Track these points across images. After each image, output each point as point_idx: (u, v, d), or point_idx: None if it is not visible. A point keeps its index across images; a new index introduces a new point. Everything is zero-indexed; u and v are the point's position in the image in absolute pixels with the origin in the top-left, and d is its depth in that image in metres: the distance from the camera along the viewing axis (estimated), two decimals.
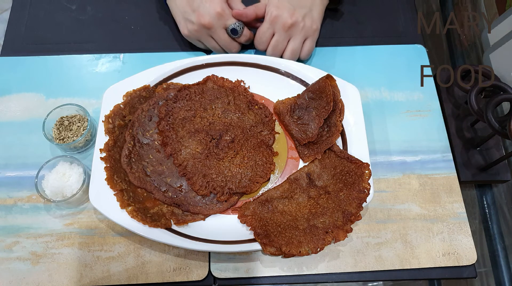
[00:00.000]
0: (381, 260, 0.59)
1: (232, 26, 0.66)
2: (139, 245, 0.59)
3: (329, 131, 0.63)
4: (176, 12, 0.69)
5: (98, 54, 0.73)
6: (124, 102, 0.64)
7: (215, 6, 0.64)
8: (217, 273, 0.58)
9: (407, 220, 0.62)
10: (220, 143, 0.62)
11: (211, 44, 0.69)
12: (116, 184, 0.58)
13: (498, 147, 0.67)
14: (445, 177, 0.65)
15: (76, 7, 0.78)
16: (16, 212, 0.61)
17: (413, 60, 0.74)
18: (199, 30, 0.66)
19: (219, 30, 0.66)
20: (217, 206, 0.59)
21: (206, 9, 0.64)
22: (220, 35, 0.67)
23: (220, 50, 0.70)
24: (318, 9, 0.70)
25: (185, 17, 0.67)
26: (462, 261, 0.59)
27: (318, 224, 0.56)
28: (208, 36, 0.68)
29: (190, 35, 0.68)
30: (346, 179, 0.59)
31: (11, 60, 0.72)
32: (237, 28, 0.66)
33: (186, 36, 0.70)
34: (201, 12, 0.65)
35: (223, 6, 0.65)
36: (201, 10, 0.65)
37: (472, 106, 0.62)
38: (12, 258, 0.58)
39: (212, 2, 0.64)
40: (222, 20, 0.65)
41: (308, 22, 0.67)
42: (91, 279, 0.57)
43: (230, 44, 0.68)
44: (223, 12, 0.64)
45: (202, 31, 0.67)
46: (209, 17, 0.64)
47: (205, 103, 0.65)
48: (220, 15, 0.64)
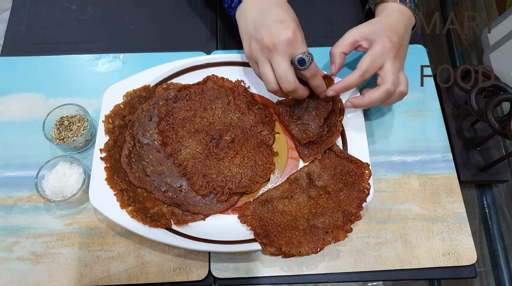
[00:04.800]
0: (381, 260, 0.59)
1: (300, 55, 0.55)
2: (139, 245, 0.59)
3: (329, 131, 0.63)
4: (244, 28, 0.60)
5: (98, 54, 0.73)
6: (124, 102, 0.64)
7: (287, 30, 0.55)
8: (217, 273, 0.58)
9: (407, 220, 0.62)
10: (220, 143, 0.62)
11: (265, 70, 0.57)
12: (116, 184, 0.58)
13: (498, 147, 0.67)
14: (445, 177, 0.65)
15: (76, 7, 0.78)
16: (16, 212, 0.61)
17: (413, 60, 0.74)
18: (261, 50, 0.57)
19: (281, 58, 0.55)
20: (217, 206, 0.59)
21: (277, 31, 0.55)
22: (280, 62, 0.56)
23: (273, 82, 0.57)
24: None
25: (251, 34, 0.58)
26: (462, 261, 0.59)
27: (318, 224, 0.56)
28: (267, 60, 0.57)
29: (251, 54, 0.59)
30: (346, 179, 0.59)
31: (11, 60, 0.72)
32: (306, 58, 0.55)
33: (247, 56, 0.61)
34: (270, 31, 0.55)
35: (296, 32, 0.55)
36: (272, 29, 0.55)
37: (472, 106, 0.62)
38: (12, 258, 0.58)
39: (286, 25, 0.55)
40: (290, 48, 0.55)
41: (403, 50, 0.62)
42: (91, 279, 0.57)
43: (287, 75, 0.56)
44: (294, 40, 0.55)
45: (263, 52, 0.57)
46: (276, 40, 0.55)
47: (205, 103, 0.65)
48: (291, 43, 0.55)
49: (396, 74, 0.59)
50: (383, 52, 0.58)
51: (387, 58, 0.58)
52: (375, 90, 0.59)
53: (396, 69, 0.59)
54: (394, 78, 0.58)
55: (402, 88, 0.60)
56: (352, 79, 0.58)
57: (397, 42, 0.59)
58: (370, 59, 0.58)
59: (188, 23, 0.77)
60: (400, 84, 0.60)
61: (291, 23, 0.56)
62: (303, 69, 0.56)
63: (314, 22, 0.78)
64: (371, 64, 0.58)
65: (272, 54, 0.56)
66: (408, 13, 0.64)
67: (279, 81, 0.57)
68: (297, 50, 0.56)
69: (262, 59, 0.57)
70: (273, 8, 0.57)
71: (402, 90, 0.60)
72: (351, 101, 0.61)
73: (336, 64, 0.60)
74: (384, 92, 0.58)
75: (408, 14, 0.64)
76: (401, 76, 0.60)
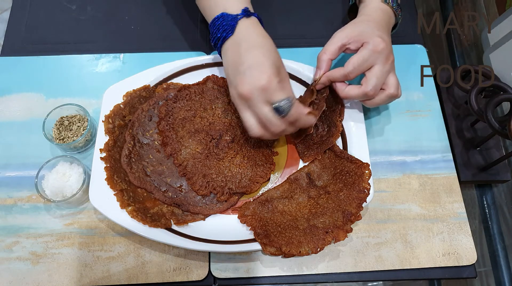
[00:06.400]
0: (381, 260, 0.59)
1: (277, 104, 0.52)
2: (139, 245, 0.59)
3: (329, 131, 0.63)
4: (225, 71, 0.58)
5: (98, 54, 0.73)
6: (124, 102, 0.64)
7: (261, 77, 0.52)
8: (217, 273, 0.58)
9: (407, 220, 0.62)
10: (220, 143, 0.62)
11: (245, 117, 0.55)
12: (116, 184, 0.58)
13: (498, 147, 0.67)
14: (445, 177, 0.65)
15: (76, 7, 0.78)
16: (16, 212, 0.61)
17: (413, 60, 0.74)
18: (238, 97, 0.54)
19: (259, 104, 0.53)
20: (217, 206, 0.59)
21: (251, 78, 0.52)
22: (259, 109, 0.53)
23: (254, 128, 0.55)
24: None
25: (230, 80, 0.56)
26: (462, 261, 0.59)
27: (318, 224, 0.56)
28: (245, 107, 0.54)
29: (232, 100, 0.57)
30: (346, 179, 0.59)
31: (11, 60, 0.72)
32: (284, 105, 0.52)
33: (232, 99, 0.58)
34: (244, 79, 0.53)
35: (271, 78, 0.52)
36: (246, 77, 0.53)
37: (472, 106, 0.62)
38: (12, 258, 0.58)
39: (261, 71, 0.52)
40: (265, 95, 0.52)
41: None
42: (91, 279, 0.57)
43: (271, 119, 0.53)
44: (269, 86, 0.52)
45: (240, 100, 0.54)
46: (249, 88, 0.52)
47: (205, 103, 0.65)
48: (265, 90, 0.52)
49: (381, 78, 0.57)
50: (373, 53, 0.56)
51: (377, 59, 0.57)
52: (356, 88, 0.58)
53: (384, 73, 0.57)
54: (377, 83, 0.57)
55: (392, 91, 0.58)
56: (335, 74, 0.59)
57: (388, 41, 0.58)
58: (357, 60, 0.57)
59: (188, 23, 0.77)
60: (389, 87, 0.58)
61: (266, 69, 0.52)
62: (282, 117, 0.54)
63: (314, 22, 0.78)
64: (357, 65, 0.57)
65: (249, 102, 0.53)
66: (389, 11, 0.63)
67: (264, 127, 0.55)
68: (273, 97, 0.52)
69: (241, 106, 0.55)
70: (251, 51, 0.54)
71: (392, 93, 0.58)
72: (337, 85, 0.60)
73: (321, 70, 0.60)
74: (361, 93, 0.58)
75: (389, 13, 0.63)
76: (391, 78, 0.59)
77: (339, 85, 0.60)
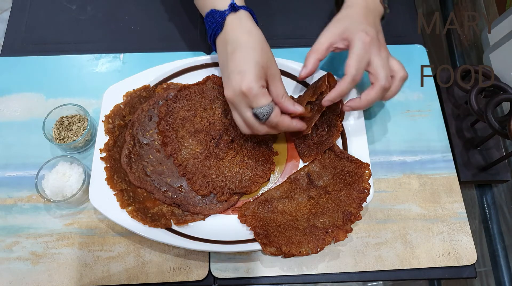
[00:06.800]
0: (381, 260, 0.59)
1: (256, 109, 0.53)
2: (139, 245, 0.59)
3: (329, 131, 0.63)
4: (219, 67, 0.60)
5: (98, 54, 0.73)
6: (124, 102, 0.64)
7: (242, 82, 0.52)
8: (217, 273, 0.58)
9: (407, 220, 0.62)
10: (220, 143, 0.62)
11: (234, 116, 0.57)
12: (116, 184, 0.58)
13: (498, 147, 0.67)
14: (445, 177, 0.65)
15: (76, 7, 0.78)
16: (16, 212, 0.61)
17: (413, 60, 0.74)
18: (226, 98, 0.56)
19: (241, 108, 0.54)
20: (217, 206, 0.59)
21: (233, 82, 0.53)
22: (242, 112, 0.55)
23: (243, 127, 0.57)
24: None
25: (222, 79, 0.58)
26: (462, 261, 0.59)
27: (318, 224, 0.56)
28: (234, 109, 0.56)
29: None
30: (346, 179, 0.59)
31: (11, 60, 0.72)
32: (263, 112, 0.53)
33: None
34: (228, 83, 0.54)
35: (252, 84, 0.52)
36: (229, 81, 0.54)
37: (472, 106, 0.62)
38: (12, 258, 0.58)
39: (243, 76, 0.52)
40: (246, 100, 0.53)
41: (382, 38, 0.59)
42: (91, 279, 0.57)
43: (254, 124, 0.55)
44: (248, 92, 0.52)
45: (228, 102, 0.56)
46: (232, 93, 0.53)
47: (205, 103, 0.65)
48: (245, 96, 0.52)
49: (386, 67, 0.56)
50: (365, 48, 0.55)
51: (371, 52, 0.56)
52: (371, 90, 0.57)
53: (385, 60, 0.57)
54: (386, 72, 0.56)
55: (402, 73, 0.58)
56: (344, 86, 0.56)
57: (374, 32, 0.57)
58: (355, 61, 0.55)
59: (188, 23, 0.77)
60: (396, 71, 0.58)
61: (247, 74, 0.52)
62: (260, 123, 0.55)
63: (314, 22, 0.78)
64: (358, 65, 0.55)
65: (233, 105, 0.55)
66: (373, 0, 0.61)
67: (250, 128, 0.56)
68: (252, 103, 0.53)
69: (230, 106, 0.57)
70: (235, 54, 0.54)
71: (402, 75, 0.58)
72: (350, 105, 0.59)
73: (308, 69, 0.59)
74: (380, 90, 0.56)
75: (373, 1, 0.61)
76: (392, 62, 0.58)
77: (351, 103, 0.59)
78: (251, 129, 0.56)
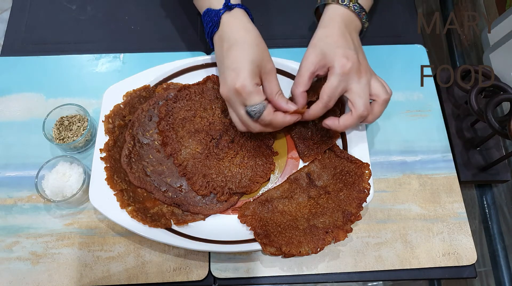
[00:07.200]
0: (381, 260, 0.59)
1: (248, 107, 0.53)
2: (139, 245, 0.59)
3: (329, 131, 0.63)
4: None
5: (98, 54, 0.73)
6: (124, 102, 0.64)
7: (236, 80, 0.52)
8: (217, 273, 0.58)
9: (407, 220, 0.62)
10: (220, 143, 0.62)
11: (230, 113, 0.57)
12: (116, 184, 0.58)
13: (498, 147, 0.67)
14: (445, 177, 0.65)
15: (76, 7, 0.78)
16: (16, 212, 0.61)
17: (413, 60, 0.74)
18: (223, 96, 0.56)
19: (236, 106, 0.55)
20: (217, 206, 0.59)
21: (228, 79, 0.53)
22: (236, 110, 0.55)
23: (238, 124, 0.57)
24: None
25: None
26: (462, 261, 0.59)
27: (318, 224, 0.56)
28: (229, 106, 0.57)
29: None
30: (346, 179, 0.59)
31: (11, 60, 0.72)
32: (255, 110, 0.53)
33: None
34: (223, 80, 0.55)
35: (245, 82, 0.52)
36: (224, 78, 0.54)
37: (472, 106, 0.62)
38: (12, 258, 0.58)
39: (237, 74, 0.52)
40: (239, 98, 0.53)
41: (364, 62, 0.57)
42: (91, 279, 0.57)
43: (247, 122, 0.55)
44: (242, 90, 0.52)
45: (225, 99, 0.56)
46: (227, 90, 0.54)
47: (205, 103, 0.65)
48: (238, 94, 0.53)
49: (365, 94, 0.55)
50: (343, 76, 0.54)
51: (350, 80, 0.54)
52: (349, 116, 0.56)
53: (364, 87, 0.55)
54: (364, 100, 0.54)
55: (383, 97, 0.56)
56: (316, 111, 0.56)
57: (354, 55, 0.55)
58: (330, 89, 0.54)
59: (188, 23, 0.77)
60: (378, 95, 0.56)
61: (242, 72, 0.52)
62: (253, 120, 0.55)
63: (313, 22, 0.78)
64: (332, 93, 0.54)
65: (228, 102, 0.56)
66: (350, 16, 0.59)
67: (245, 125, 0.56)
68: (246, 101, 0.53)
69: (226, 103, 0.57)
70: (230, 51, 0.54)
71: (384, 98, 0.56)
72: (328, 124, 0.58)
73: (300, 104, 0.57)
74: (356, 118, 0.55)
75: (350, 18, 0.59)
76: (374, 85, 0.56)
77: (330, 122, 0.57)
78: (246, 126, 0.57)
